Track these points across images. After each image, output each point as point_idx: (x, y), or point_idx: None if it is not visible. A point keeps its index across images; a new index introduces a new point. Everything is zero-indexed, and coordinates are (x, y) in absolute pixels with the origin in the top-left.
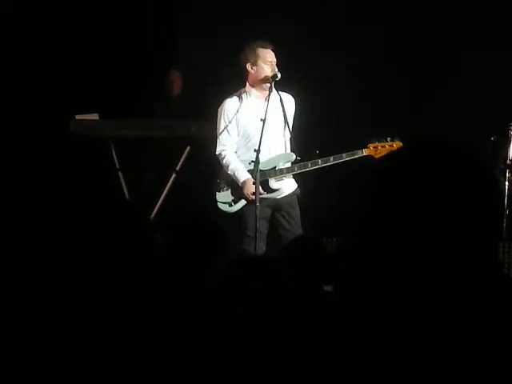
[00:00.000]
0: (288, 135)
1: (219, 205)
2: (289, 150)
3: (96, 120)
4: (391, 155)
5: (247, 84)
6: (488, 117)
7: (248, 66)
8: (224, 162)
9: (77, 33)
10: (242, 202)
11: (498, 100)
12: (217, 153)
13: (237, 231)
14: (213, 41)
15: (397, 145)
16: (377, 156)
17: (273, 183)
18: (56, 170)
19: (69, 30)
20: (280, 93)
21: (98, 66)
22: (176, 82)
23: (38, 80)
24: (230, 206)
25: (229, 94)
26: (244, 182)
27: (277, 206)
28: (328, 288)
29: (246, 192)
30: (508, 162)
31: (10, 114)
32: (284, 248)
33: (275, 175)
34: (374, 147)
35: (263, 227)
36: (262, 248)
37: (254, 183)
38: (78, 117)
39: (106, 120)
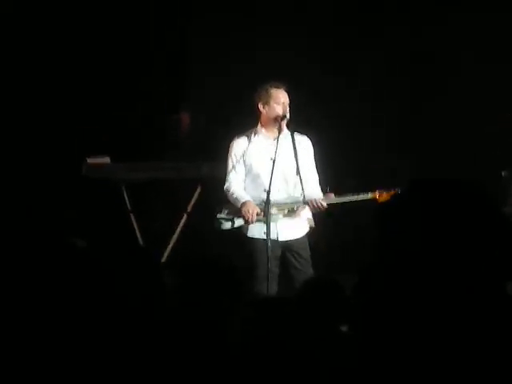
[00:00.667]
0: (300, 176)
1: (221, 223)
2: (298, 191)
3: (107, 163)
4: (402, 195)
5: (259, 124)
6: (499, 152)
7: (260, 106)
8: (229, 194)
9: (90, 78)
10: (241, 221)
11: (508, 135)
12: (224, 188)
13: (248, 269)
14: (223, 80)
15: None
16: (380, 200)
17: (279, 226)
18: (68, 213)
19: (83, 74)
20: (295, 134)
21: (110, 110)
22: (185, 124)
23: (50, 123)
24: (232, 222)
25: (239, 134)
26: (244, 203)
27: (287, 246)
28: (344, 328)
29: (244, 210)
30: None
31: (22, 156)
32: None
33: (283, 216)
34: (380, 193)
35: (274, 266)
36: (274, 288)
37: (255, 207)
38: (89, 160)
39: (117, 163)
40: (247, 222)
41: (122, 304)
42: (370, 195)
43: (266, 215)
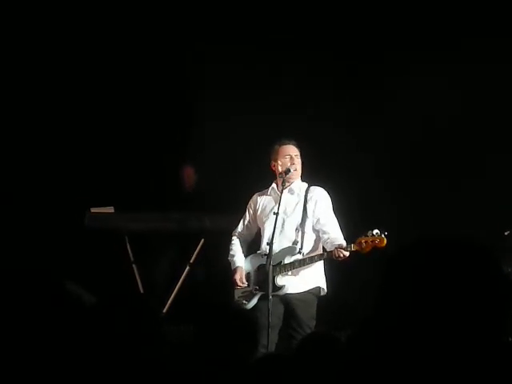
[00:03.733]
0: (306, 226)
1: (235, 301)
2: (300, 241)
3: (111, 213)
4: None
5: (275, 182)
6: (501, 211)
7: (272, 164)
8: (229, 246)
9: (96, 128)
10: (255, 300)
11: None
12: (232, 236)
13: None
14: (226, 136)
15: (380, 240)
16: (363, 251)
17: (278, 280)
18: (71, 263)
19: (89, 124)
20: (311, 187)
21: (114, 160)
22: (190, 177)
23: (54, 173)
24: (244, 304)
25: (247, 189)
26: (234, 270)
27: (287, 304)
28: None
29: (234, 278)
30: None
31: (24, 206)
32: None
33: (280, 272)
34: (359, 242)
35: (276, 319)
36: (273, 340)
37: (247, 273)
38: (93, 210)
39: (121, 213)
40: (236, 288)
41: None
42: (353, 247)
43: (267, 267)
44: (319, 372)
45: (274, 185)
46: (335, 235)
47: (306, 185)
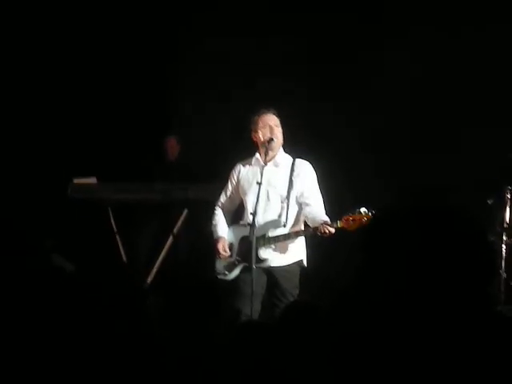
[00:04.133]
0: (291, 200)
1: (217, 272)
2: (283, 216)
3: (94, 183)
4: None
5: (257, 152)
6: (484, 180)
7: (253, 135)
8: (212, 217)
9: (80, 98)
10: (237, 271)
11: (493, 163)
12: (214, 207)
13: (234, 291)
14: (211, 105)
15: (367, 217)
16: (350, 229)
17: (261, 252)
18: (54, 234)
19: (73, 94)
20: (296, 160)
21: (97, 129)
22: (172, 147)
23: (36, 144)
24: (225, 275)
25: (230, 159)
26: (217, 239)
27: (271, 274)
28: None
29: (217, 248)
30: (505, 225)
31: (6, 175)
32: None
33: (263, 244)
34: (346, 220)
35: (259, 288)
36: (256, 309)
37: (230, 243)
38: (76, 180)
39: (104, 183)
40: (219, 258)
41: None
42: (339, 224)
43: (250, 237)
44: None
45: (257, 155)
46: (317, 209)
47: (290, 158)
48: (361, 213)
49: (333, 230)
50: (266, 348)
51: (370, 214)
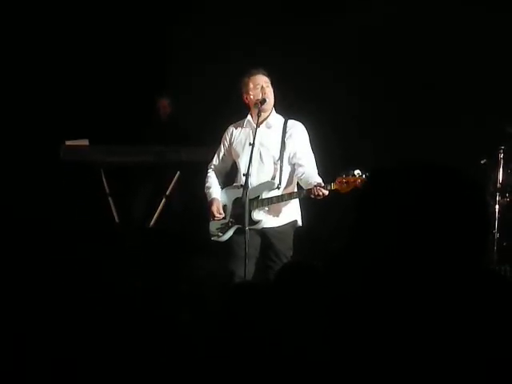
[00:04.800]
0: (284, 161)
1: (210, 234)
2: (277, 177)
3: (86, 146)
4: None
5: (249, 113)
6: (478, 140)
7: (244, 97)
8: (205, 179)
9: (71, 61)
10: (230, 233)
11: (487, 123)
12: (207, 169)
13: (227, 253)
14: (202, 67)
15: (361, 180)
16: (343, 191)
17: (255, 214)
18: (46, 196)
19: (64, 58)
20: (288, 121)
21: (89, 91)
22: (165, 109)
23: (28, 106)
24: (218, 236)
25: (223, 121)
26: (211, 201)
27: (264, 235)
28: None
29: (211, 210)
30: (498, 185)
31: None
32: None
33: (257, 206)
34: (340, 182)
35: (253, 250)
36: (250, 270)
37: (223, 205)
38: (68, 142)
39: (96, 146)
40: (213, 219)
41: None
42: (333, 186)
43: (243, 199)
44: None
45: (249, 117)
46: (310, 171)
47: (282, 118)
48: (354, 175)
49: (326, 192)
50: (261, 310)
51: (363, 176)
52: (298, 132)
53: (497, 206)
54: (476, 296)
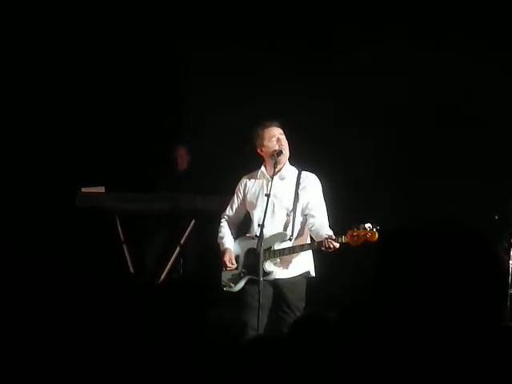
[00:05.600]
0: (297, 213)
1: (222, 284)
2: (289, 229)
3: (102, 193)
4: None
5: (263, 165)
6: (492, 194)
7: (258, 149)
8: (218, 229)
9: (88, 108)
10: (242, 283)
11: (501, 177)
12: (221, 219)
13: (240, 304)
14: (218, 118)
15: (372, 234)
16: (353, 244)
17: (267, 265)
18: (61, 242)
19: (81, 105)
20: (302, 172)
21: (106, 138)
22: (182, 157)
23: (45, 153)
24: (230, 287)
25: (238, 170)
26: (223, 251)
27: (277, 286)
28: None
29: (224, 260)
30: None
31: (17, 185)
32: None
33: (269, 257)
34: (351, 235)
35: (266, 301)
36: (263, 321)
37: (236, 255)
38: (84, 189)
39: (112, 193)
40: (225, 269)
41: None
42: (344, 239)
43: (258, 249)
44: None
45: (262, 168)
46: (321, 222)
47: (296, 170)
48: (365, 228)
49: (337, 245)
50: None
51: (374, 229)
52: (312, 183)
53: (511, 262)
54: (488, 354)
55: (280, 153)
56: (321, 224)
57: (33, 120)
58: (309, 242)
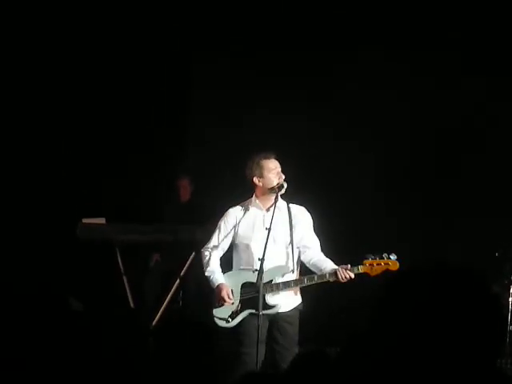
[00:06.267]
0: (294, 245)
1: (216, 321)
2: (289, 261)
3: (103, 224)
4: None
5: (254, 195)
6: (492, 232)
7: (255, 179)
8: (204, 261)
9: (89, 139)
10: (240, 318)
11: (502, 215)
12: (202, 254)
13: (238, 338)
14: (217, 152)
15: (393, 263)
16: (373, 274)
17: (269, 298)
18: (61, 273)
19: (82, 134)
20: (290, 205)
21: (107, 170)
22: (185, 188)
23: (46, 184)
24: (227, 322)
25: (232, 202)
26: (219, 287)
27: (274, 319)
28: None
29: (220, 295)
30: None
31: (16, 214)
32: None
33: (271, 290)
34: (370, 264)
35: (263, 335)
36: (261, 353)
37: (231, 289)
38: (84, 220)
39: (112, 224)
40: (221, 305)
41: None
42: (361, 269)
43: (258, 283)
44: None
45: (254, 199)
46: (318, 253)
47: (285, 202)
48: (390, 258)
49: (353, 275)
50: None
51: (397, 262)
52: (304, 216)
53: (510, 299)
54: None
55: (281, 187)
56: (320, 256)
57: (34, 148)
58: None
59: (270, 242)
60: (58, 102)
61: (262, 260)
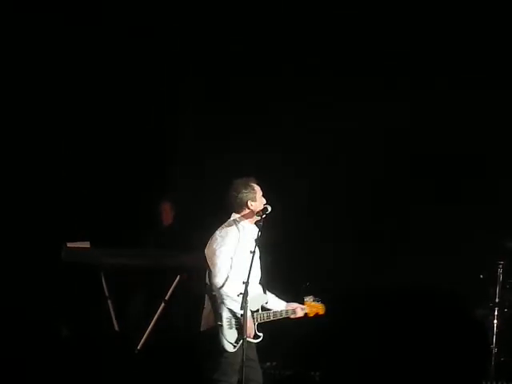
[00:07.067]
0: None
1: (224, 343)
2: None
3: (87, 248)
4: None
5: (243, 219)
6: (477, 254)
7: (249, 203)
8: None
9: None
10: (239, 344)
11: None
12: (222, 290)
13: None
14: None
15: (321, 308)
16: (309, 315)
17: (258, 327)
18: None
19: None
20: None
21: (92, 195)
22: (167, 212)
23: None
24: (234, 347)
25: (214, 227)
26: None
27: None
28: None
29: (251, 327)
30: (496, 299)
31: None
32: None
33: (258, 320)
34: (309, 306)
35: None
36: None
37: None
38: (69, 244)
39: (97, 248)
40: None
41: None
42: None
43: (242, 308)
44: None
45: (244, 223)
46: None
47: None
48: (318, 300)
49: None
50: None
51: (319, 303)
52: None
53: (495, 321)
54: None
55: (266, 210)
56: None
57: (19, 171)
58: None
59: (255, 266)
60: (42, 117)
61: (246, 283)
